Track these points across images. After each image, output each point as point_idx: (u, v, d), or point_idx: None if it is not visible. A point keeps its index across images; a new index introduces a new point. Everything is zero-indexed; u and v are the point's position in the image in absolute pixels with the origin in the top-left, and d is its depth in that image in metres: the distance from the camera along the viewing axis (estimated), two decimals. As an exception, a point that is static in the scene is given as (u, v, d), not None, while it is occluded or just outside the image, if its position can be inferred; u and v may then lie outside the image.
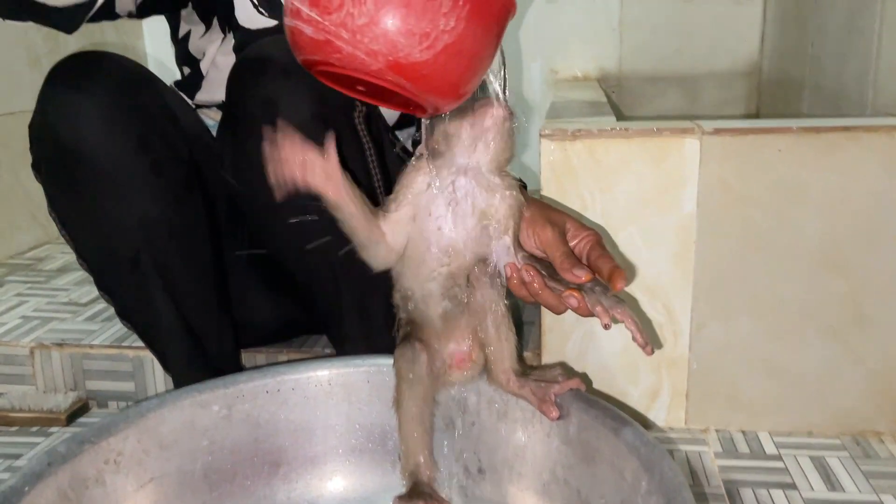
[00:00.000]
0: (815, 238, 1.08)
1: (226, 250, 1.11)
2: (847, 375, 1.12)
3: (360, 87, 0.73)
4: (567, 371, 0.86)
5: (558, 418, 0.81)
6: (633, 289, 1.13)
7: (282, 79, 0.92)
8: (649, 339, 0.75)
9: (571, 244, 0.82)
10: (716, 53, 2.48)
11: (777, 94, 2.26)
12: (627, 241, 1.11)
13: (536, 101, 2.54)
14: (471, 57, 0.68)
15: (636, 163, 1.09)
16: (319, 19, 0.66)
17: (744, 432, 1.15)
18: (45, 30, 1.01)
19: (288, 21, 0.69)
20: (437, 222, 0.77)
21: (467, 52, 0.68)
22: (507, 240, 0.79)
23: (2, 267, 1.84)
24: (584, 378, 1.15)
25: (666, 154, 1.08)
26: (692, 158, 1.08)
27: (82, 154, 0.93)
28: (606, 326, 0.74)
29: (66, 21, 0.95)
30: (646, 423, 1.17)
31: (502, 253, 0.79)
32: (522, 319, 1.34)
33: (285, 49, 0.96)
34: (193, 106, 1.18)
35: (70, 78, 0.94)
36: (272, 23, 1.07)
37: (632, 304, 1.13)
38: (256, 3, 1.08)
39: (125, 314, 1.08)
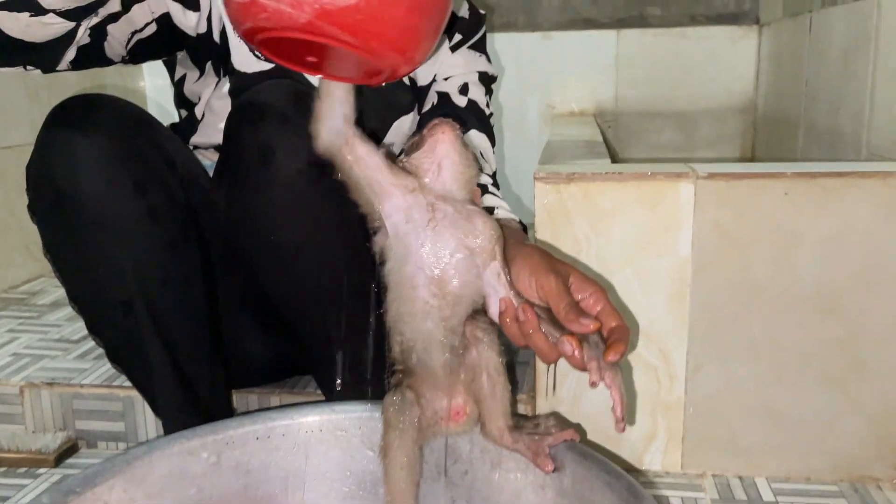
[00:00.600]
0: (812, 283, 1.07)
1: (220, 292, 1.10)
2: (845, 421, 1.11)
3: (311, 59, 0.70)
4: (561, 421, 0.85)
5: (553, 471, 0.80)
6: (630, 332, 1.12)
7: (279, 124, 0.92)
8: (627, 417, 0.73)
9: (577, 297, 0.79)
10: (711, 90, 2.50)
11: (773, 132, 2.27)
12: (623, 284, 1.11)
13: (533, 135, 2.55)
14: (409, 8, 0.64)
15: (631, 206, 1.08)
16: None
17: (741, 478, 1.14)
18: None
19: None
20: (420, 253, 0.76)
21: (404, 3, 0.63)
22: (497, 265, 0.78)
23: (-5, 301, 1.83)
24: (579, 429, 1.14)
25: (661, 198, 1.08)
26: (687, 202, 1.07)
27: (79, 199, 0.92)
28: (593, 384, 0.73)
29: (44, 60, 0.95)
30: (641, 468, 1.16)
31: (493, 282, 0.78)
32: (515, 361, 1.32)
33: (283, 95, 0.97)
34: (191, 147, 1.18)
35: (69, 121, 0.94)
36: (268, 66, 1.07)
37: (628, 349, 1.12)
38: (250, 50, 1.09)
39: (115, 358, 1.06)
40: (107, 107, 0.97)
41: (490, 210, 1.03)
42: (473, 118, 1.17)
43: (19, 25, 0.88)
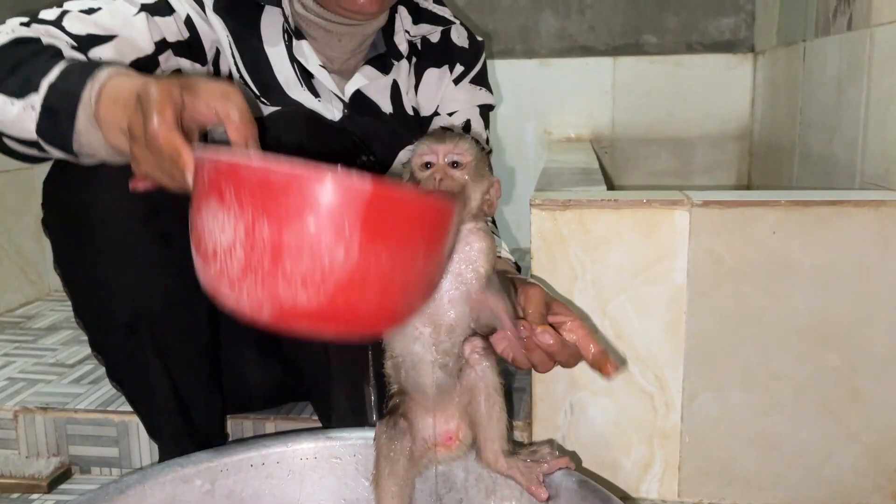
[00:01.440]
0: (807, 312, 1.08)
1: (221, 316, 1.10)
2: (841, 450, 1.10)
3: None
4: (556, 448, 0.84)
5: (548, 499, 0.79)
6: (626, 358, 1.12)
7: (295, 153, 0.93)
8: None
9: (558, 319, 0.83)
10: (707, 117, 2.52)
11: (768, 159, 2.29)
12: (618, 311, 1.11)
13: (530, 161, 2.57)
14: (383, 284, 0.59)
15: (626, 233, 1.09)
16: (203, 267, 0.62)
17: (738, 507, 1.13)
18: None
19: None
20: None
21: (375, 281, 0.59)
22: (486, 282, 0.79)
23: (-10, 324, 1.83)
24: (574, 457, 1.13)
25: (656, 225, 1.08)
26: (682, 230, 1.08)
27: (92, 218, 0.92)
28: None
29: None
30: (638, 496, 1.15)
31: (493, 299, 0.79)
32: (512, 388, 1.32)
33: (300, 125, 0.98)
34: None
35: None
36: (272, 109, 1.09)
37: (624, 376, 1.12)
38: (258, 93, 1.10)
39: (115, 377, 1.06)
40: None
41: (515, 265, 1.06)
42: None
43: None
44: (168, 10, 1.02)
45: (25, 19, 0.93)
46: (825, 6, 1.69)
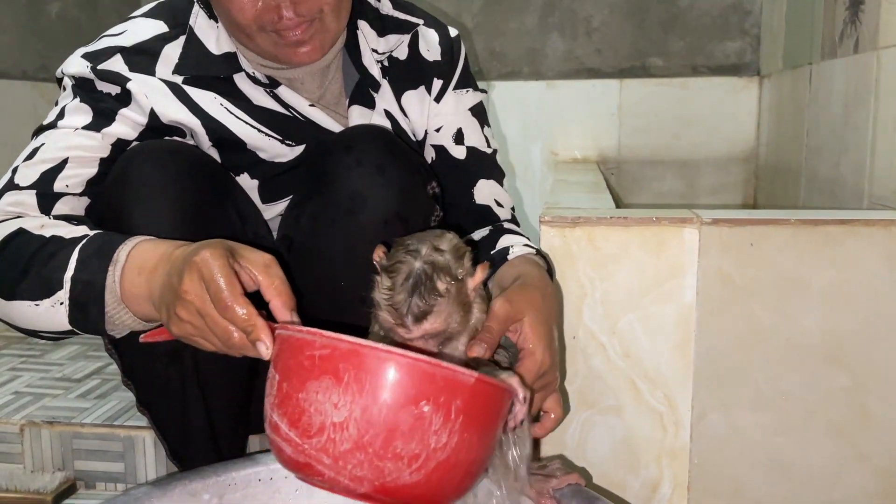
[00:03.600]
0: (817, 332, 1.07)
1: None
2: (852, 473, 1.10)
3: None
4: (566, 464, 0.84)
5: (557, 515, 0.79)
6: (634, 377, 1.11)
7: (375, 175, 0.94)
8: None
9: (518, 345, 0.83)
10: (713, 139, 2.53)
11: (774, 181, 2.29)
12: (627, 329, 1.11)
13: (536, 182, 2.58)
14: (470, 464, 0.66)
15: (635, 251, 1.09)
16: (299, 441, 0.65)
17: (747, 528, 1.12)
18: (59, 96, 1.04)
19: (268, 432, 0.68)
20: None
21: (465, 462, 0.65)
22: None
23: (-3, 339, 1.83)
24: (584, 473, 1.13)
25: (665, 243, 1.08)
26: (691, 248, 1.08)
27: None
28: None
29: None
30: (647, 517, 1.14)
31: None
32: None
33: (381, 143, 0.97)
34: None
35: (147, 165, 0.94)
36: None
37: (633, 394, 1.12)
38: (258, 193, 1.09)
39: (147, 404, 1.04)
40: (184, 155, 0.98)
41: (505, 251, 1.03)
42: (478, 169, 1.15)
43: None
44: (111, 116, 0.99)
45: None
46: (831, 29, 1.70)
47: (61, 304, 0.85)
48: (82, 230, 0.89)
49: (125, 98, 0.99)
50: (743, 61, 2.53)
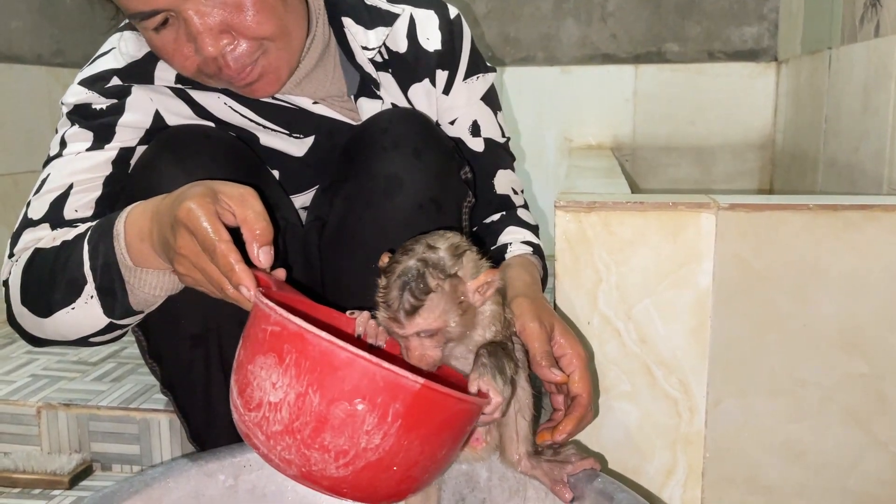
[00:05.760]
0: (835, 318, 1.06)
1: None
2: (868, 460, 1.09)
3: None
4: (581, 450, 0.84)
5: (572, 500, 0.79)
6: (650, 363, 1.11)
7: (412, 158, 0.93)
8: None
9: (556, 352, 0.84)
10: (729, 126, 2.51)
11: (791, 168, 2.27)
12: (643, 315, 1.10)
13: (551, 168, 2.57)
14: (408, 468, 0.64)
15: (651, 236, 1.08)
16: (242, 411, 0.65)
17: (762, 515, 1.12)
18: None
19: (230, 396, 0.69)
20: None
21: (402, 466, 0.63)
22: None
23: (14, 322, 1.84)
24: (600, 458, 1.12)
25: (681, 228, 1.08)
26: (708, 233, 1.07)
27: None
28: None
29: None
30: (660, 502, 1.14)
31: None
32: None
33: (417, 127, 0.97)
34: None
35: (178, 149, 0.94)
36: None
37: (648, 380, 1.11)
38: (288, 131, 1.08)
39: (170, 386, 1.04)
40: (215, 139, 0.98)
41: (503, 248, 1.03)
42: (496, 159, 1.15)
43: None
44: (110, 131, 0.99)
45: (9, 251, 0.97)
46: (851, 13, 1.68)
47: (92, 297, 0.87)
48: (86, 225, 0.91)
49: (123, 107, 0.99)
50: (760, 46, 2.50)
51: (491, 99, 1.15)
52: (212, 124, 1.03)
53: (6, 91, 1.93)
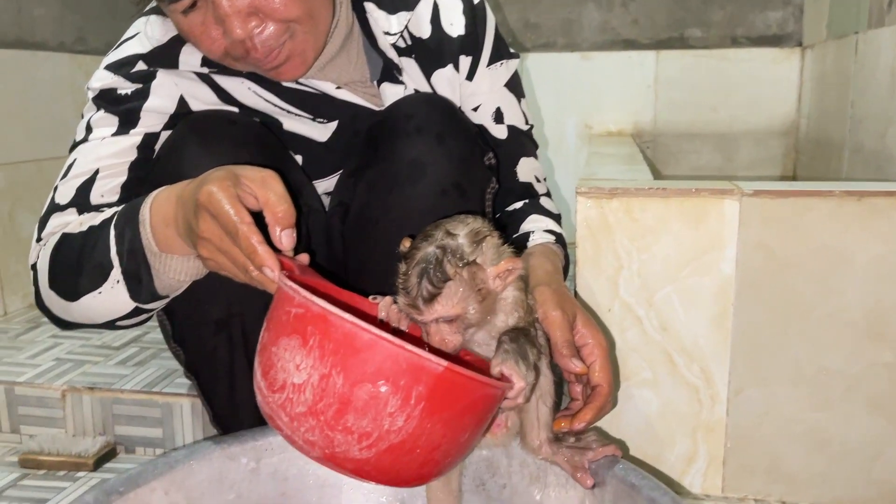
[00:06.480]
0: (860, 306, 1.05)
1: None
2: (892, 448, 1.08)
3: None
4: (602, 436, 0.84)
5: (593, 487, 0.79)
6: (671, 351, 1.10)
7: (435, 144, 0.93)
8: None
9: (577, 341, 0.84)
10: (752, 112, 2.48)
11: (815, 155, 2.24)
12: (664, 302, 1.09)
13: (571, 155, 2.55)
14: (430, 451, 0.64)
15: (674, 222, 1.07)
16: (266, 393, 0.66)
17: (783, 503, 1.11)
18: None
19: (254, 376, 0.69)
20: None
21: (424, 449, 0.64)
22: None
23: (39, 307, 1.86)
24: (621, 445, 1.12)
25: (704, 215, 1.07)
26: (731, 220, 1.06)
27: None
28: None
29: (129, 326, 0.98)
30: (681, 490, 1.14)
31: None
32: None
33: (441, 113, 0.97)
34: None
35: (203, 133, 0.95)
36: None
37: (669, 368, 1.11)
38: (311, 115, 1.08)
39: (194, 370, 1.05)
40: (239, 125, 0.98)
41: (525, 236, 1.03)
42: (519, 147, 1.13)
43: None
44: (135, 116, 0.99)
45: (37, 236, 0.97)
46: (880, -3, 1.65)
47: (118, 282, 0.88)
48: (112, 210, 0.92)
49: (148, 91, 0.99)
50: (785, 32, 2.46)
51: (514, 86, 1.13)
52: (236, 109, 1.04)
53: (30, 78, 1.94)
